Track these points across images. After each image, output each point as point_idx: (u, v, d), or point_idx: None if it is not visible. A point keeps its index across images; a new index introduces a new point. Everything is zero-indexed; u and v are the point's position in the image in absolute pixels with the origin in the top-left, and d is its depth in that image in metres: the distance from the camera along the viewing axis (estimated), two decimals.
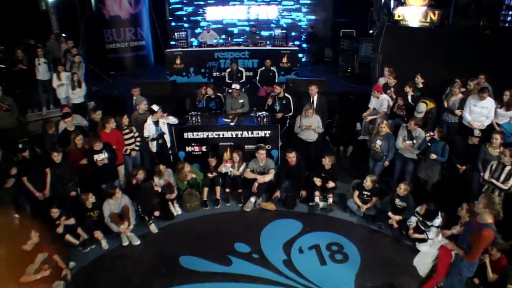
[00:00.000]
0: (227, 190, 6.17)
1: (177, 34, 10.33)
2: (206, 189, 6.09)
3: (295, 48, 10.79)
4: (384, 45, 8.39)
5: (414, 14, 8.27)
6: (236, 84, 7.29)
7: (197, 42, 11.17)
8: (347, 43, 11.00)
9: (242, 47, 10.46)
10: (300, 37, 13.00)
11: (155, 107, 6.22)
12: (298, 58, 10.67)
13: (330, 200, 5.85)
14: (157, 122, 6.23)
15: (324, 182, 5.92)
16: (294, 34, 12.74)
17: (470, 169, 5.56)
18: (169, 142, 6.48)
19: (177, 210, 5.88)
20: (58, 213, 4.97)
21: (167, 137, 6.41)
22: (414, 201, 5.33)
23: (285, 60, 10.02)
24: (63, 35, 10.57)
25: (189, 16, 13.05)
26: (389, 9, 8.88)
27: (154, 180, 5.82)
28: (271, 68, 9.03)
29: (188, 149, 6.62)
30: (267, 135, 6.53)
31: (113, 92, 9.73)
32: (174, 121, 6.50)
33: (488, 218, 3.40)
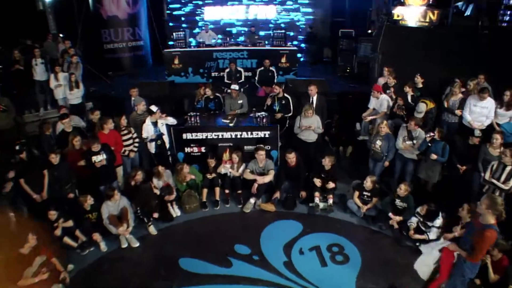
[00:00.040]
0: (227, 191, 6.13)
1: (175, 34, 10.28)
2: (206, 190, 6.06)
3: (294, 48, 10.75)
4: (383, 45, 8.38)
5: (413, 14, 8.25)
6: (235, 85, 7.26)
7: (195, 42, 11.12)
8: (346, 43, 10.95)
9: (240, 47, 10.40)
10: (299, 37, 12.96)
11: (154, 108, 6.17)
12: (297, 58, 10.64)
13: (330, 201, 5.83)
14: (155, 123, 6.19)
15: (324, 182, 5.89)
16: (292, 34, 12.70)
17: (471, 169, 5.55)
18: (167, 143, 6.43)
19: (176, 212, 5.85)
20: (56, 215, 4.92)
21: (166, 138, 6.36)
22: (414, 201, 5.31)
23: (284, 60, 9.98)
24: (61, 35, 10.48)
25: (187, 16, 12.99)
26: (388, 9, 8.86)
27: (153, 181, 5.78)
28: (270, 68, 8.98)
29: (187, 150, 6.58)
30: (267, 136, 6.50)
31: (111, 92, 9.67)
32: (173, 121, 6.46)
33: (490, 219, 3.38)
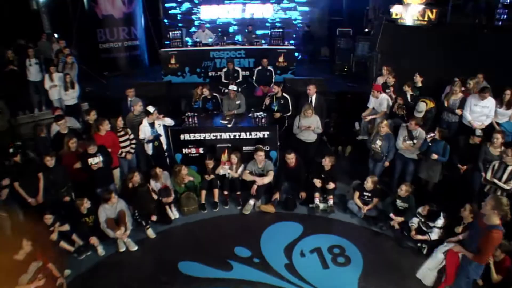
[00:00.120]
0: (226, 192, 6.06)
1: (171, 34, 10.16)
2: (204, 192, 5.98)
3: (292, 47, 10.67)
4: (381, 43, 8.34)
5: (412, 12, 8.21)
6: (233, 85, 7.18)
7: (191, 41, 11.03)
8: (344, 42, 10.91)
9: (238, 46, 10.31)
10: (296, 35, 12.90)
11: (151, 108, 6.07)
12: (295, 57, 10.57)
13: (330, 201, 5.78)
14: (152, 124, 6.10)
15: (324, 183, 5.84)
16: (289, 31, 12.60)
17: (471, 169, 5.52)
18: (165, 144, 6.34)
19: (174, 214, 5.77)
20: (52, 219, 4.82)
21: (163, 139, 6.27)
22: (415, 201, 5.27)
23: (281, 59, 9.88)
24: (55, 35, 10.35)
25: (183, 15, 12.88)
26: (386, 7, 8.82)
27: (150, 183, 5.69)
28: (268, 67, 8.91)
29: (184, 151, 6.49)
30: (266, 136, 6.43)
31: (106, 93, 9.55)
32: (170, 122, 6.36)
33: (495, 220, 3.35)
